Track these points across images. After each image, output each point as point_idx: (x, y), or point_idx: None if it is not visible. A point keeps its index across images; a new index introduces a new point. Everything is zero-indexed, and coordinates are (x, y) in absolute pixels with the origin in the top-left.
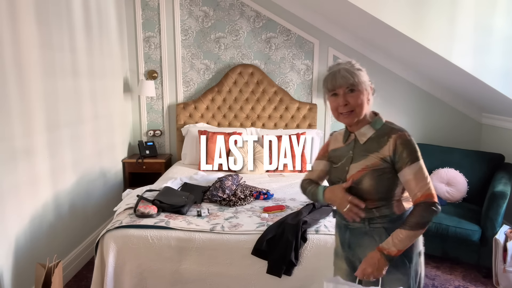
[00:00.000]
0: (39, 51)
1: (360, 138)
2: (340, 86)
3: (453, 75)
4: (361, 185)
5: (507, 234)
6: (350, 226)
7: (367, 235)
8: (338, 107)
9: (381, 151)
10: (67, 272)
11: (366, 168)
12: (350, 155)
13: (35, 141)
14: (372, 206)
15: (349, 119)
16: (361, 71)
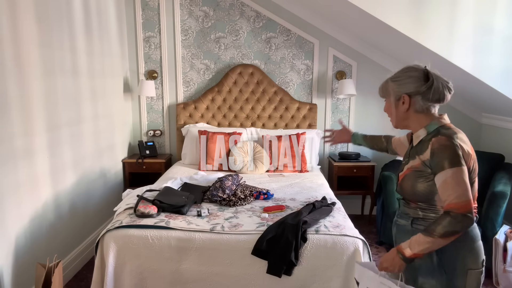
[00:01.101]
0: (39, 50)
1: (415, 140)
2: (382, 97)
3: (453, 75)
4: (403, 185)
5: (507, 234)
6: (398, 223)
7: (409, 234)
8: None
9: (424, 154)
10: (67, 272)
11: (411, 168)
12: (407, 155)
13: (35, 141)
14: (415, 206)
15: (392, 124)
16: (394, 82)
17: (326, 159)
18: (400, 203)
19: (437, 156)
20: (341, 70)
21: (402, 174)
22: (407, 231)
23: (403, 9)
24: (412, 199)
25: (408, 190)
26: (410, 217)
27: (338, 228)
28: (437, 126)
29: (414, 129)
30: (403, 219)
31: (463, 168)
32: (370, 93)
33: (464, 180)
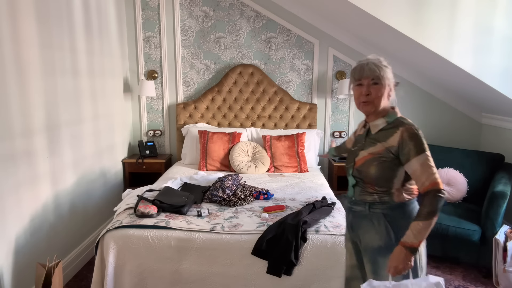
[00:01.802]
0: (39, 50)
1: (373, 128)
2: (366, 77)
3: (453, 75)
4: (365, 170)
5: (507, 234)
6: (353, 209)
7: (367, 218)
8: (360, 96)
9: (388, 141)
10: (67, 272)
11: (372, 154)
12: (362, 142)
13: (35, 141)
14: (373, 190)
15: (367, 108)
16: (388, 68)
17: (326, 159)
18: (356, 190)
19: (409, 144)
20: (341, 70)
21: (360, 159)
22: (364, 216)
23: (404, 10)
24: (372, 182)
25: (370, 174)
26: (366, 202)
27: (338, 228)
28: (396, 116)
29: (375, 118)
30: (359, 206)
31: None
32: None
33: (433, 162)
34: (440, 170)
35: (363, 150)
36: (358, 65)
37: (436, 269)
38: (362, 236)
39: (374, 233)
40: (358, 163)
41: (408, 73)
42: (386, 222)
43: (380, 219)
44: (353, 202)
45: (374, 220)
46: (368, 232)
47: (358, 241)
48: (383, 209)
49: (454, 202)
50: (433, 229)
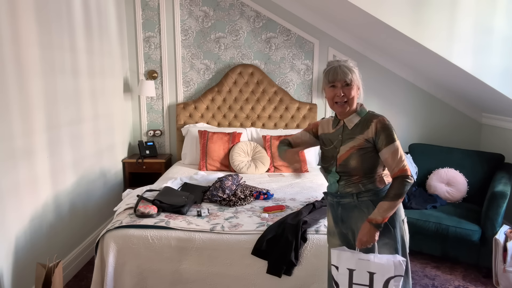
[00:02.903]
0: (39, 50)
1: (348, 124)
2: (339, 80)
3: (453, 75)
4: (349, 163)
5: (507, 234)
6: (342, 202)
7: (357, 208)
8: (335, 96)
9: (365, 133)
10: (67, 272)
11: (353, 147)
12: (340, 138)
13: (35, 141)
14: (358, 181)
15: (342, 108)
16: (356, 69)
17: None
18: (340, 184)
19: (382, 133)
20: None
21: (343, 155)
22: (354, 206)
23: (404, 10)
24: (358, 173)
25: (356, 166)
26: (353, 193)
27: None
28: (366, 111)
29: (348, 114)
30: (347, 198)
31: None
32: (370, 93)
33: (402, 151)
34: (440, 170)
35: (343, 146)
36: (330, 68)
37: (436, 269)
38: (354, 226)
39: (362, 221)
40: (342, 158)
41: (408, 73)
42: (374, 208)
43: (369, 205)
44: (340, 195)
45: (363, 208)
46: (360, 219)
47: (349, 232)
48: (370, 196)
49: (454, 202)
50: (433, 229)
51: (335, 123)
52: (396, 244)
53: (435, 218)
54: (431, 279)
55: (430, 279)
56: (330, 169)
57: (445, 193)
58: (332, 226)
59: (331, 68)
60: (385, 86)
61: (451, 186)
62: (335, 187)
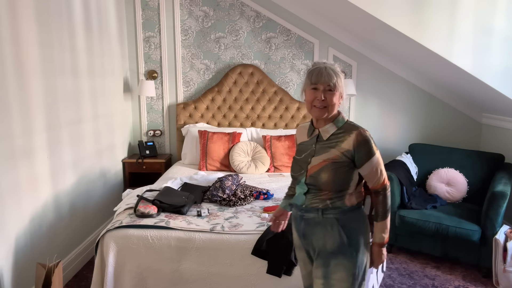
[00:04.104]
0: (39, 50)
1: (324, 134)
2: (323, 82)
3: (453, 75)
4: (320, 176)
5: (507, 234)
6: (305, 217)
7: (320, 224)
8: (315, 100)
9: (342, 146)
10: (67, 272)
11: (327, 160)
12: (313, 148)
13: (35, 141)
14: (327, 197)
15: (320, 113)
16: (342, 75)
17: None
18: (307, 197)
19: (364, 147)
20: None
21: (315, 166)
22: (317, 223)
23: (404, 10)
24: (328, 188)
25: (327, 180)
26: (319, 209)
27: None
28: (344, 121)
29: (324, 123)
30: (312, 212)
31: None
32: (370, 93)
33: (381, 160)
34: (440, 170)
35: (316, 157)
36: (315, 68)
37: (436, 269)
38: (316, 243)
39: (328, 238)
40: (313, 170)
41: (408, 73)
42: (339, 227)
43: (334, 224)
44: (305, 209)
45: (327, 226)
46: (322, 238)
47: (310, 249)
48: (336, 214)
49: (454, 202)
50: (433, 229)
51: (310, 131)
52: (355, 269)
53: (435, 218)
54: (431, 279)
55: (430, 279)
56: (299, 179)
57: (445, 193)
58: (297, 240)
59: (315, 68)
60: (385, 86)
61: (451, 186)
62: (302, 199)
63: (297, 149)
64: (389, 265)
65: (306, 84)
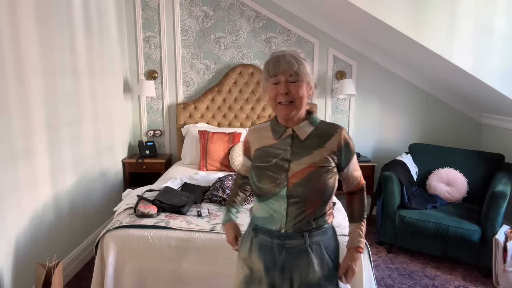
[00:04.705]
0: (39, 50)
1: (300, 134)
2: (283, 72)
3: (453, 75)
4: (307, 185)
5: (507, 234)
6: (287, 245)
7: (305, 252)
8: (278, 95)
9: (326, 147)
10: (67, 272)
11: (312, 165)
12: (288, 151)
13: (35, 141)
14: (311, 214)
15: (287, 111)
16: (306, 62)
17: None
18: (287, 218)
19: (348, 146)
20: (341, 70)
21: (298, 174)
22: (302, 251)
23: (403, 9)
24: (315, 203)
25: (317, 190)
26: (304, 232)
27: (338, 228)
28: (318, 119)
29: (297, 121)
30: (295, 239)
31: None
32: (370, 93)
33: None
34: (440, 170)
35: (296, 161)
36: (272, 57)
37: (436, 269)
38: (296, 275)
39: (315, 268)
40: (296, 178)
41: (408, 73)
42: (323, 250)
43: (318, 249)
44: (285, 236)
45: (313, 252)
46: (306, 268)
47: (285, 282)
48: (319, 235)
49: (454, 202)
50: (433, 229)
51: (280, 131)
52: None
53: (435, 218)
54: (431, 279)
55: (430, 279)
56: (274, 191)
57: (445, 193)
58: (260, 272)
59: (272, 57)
60: (385, 86)
61: (451, 186)
62: (279, 221)
63: (258, 155)
64: (389, 265)
65: (265, 78)
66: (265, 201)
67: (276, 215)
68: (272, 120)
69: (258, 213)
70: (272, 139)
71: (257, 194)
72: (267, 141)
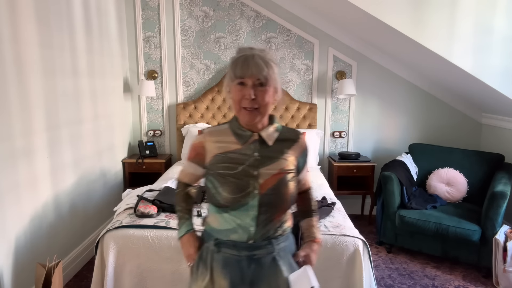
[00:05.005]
0: (39, 50)
1: (268, 139)
2: (251, 76)
3: (453, 75)
4: (279, 192)
5: (507, 234)
6: (257, 256)
7: (274, 261)
8: (243, 99)
9: (291, 152)
10: (67, 272)
11: (281, 171)
12: (256, 157)
13: (35, 141)
14: (278, 220)
15: (251, 117)
16: (275, 64)
17: (326, 159)
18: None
19: (308, 152)
20: (341, 70)
21: (269, 180)
22: (272, 260)
23: (403, 9)
24: (283, 209)
25: (287, 195)
26: (271, 239)
27: (338, 228)
28: (279, 123)
29: (262, 126)
30: (263, 248)
31: None
32: (370, 93)
33: None
34: (440, 170)
35: (265, 167)
36: (240, 56)
37: (436, 269)
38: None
39: (283, 274)
40: (268, 185)
41: (408, 73)
42: (289, 255)
43: (285, 255)
44: (253, 246)
45: (281, 261)
46: (274, 278)
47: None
48: (284, 241)
49: (454, 202)
50: (433, 229)
51: (245, 136)
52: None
53: (435, 218)
54: (431, 279)
55: (430, 279)
56: (244, 201)
57: (445, 193)
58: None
59: (240, 57)
60: (385, 86)
61: (451, 186)
62: (248, 231)
63: (219, 161)
64: (389, 265)
65: (230, 77)
66: (229, 211)
67: (243, 225)
68: (233, 123)
69: (219, 225)
70: (236, 144)
71: (221, 205)
72: (229, 146)
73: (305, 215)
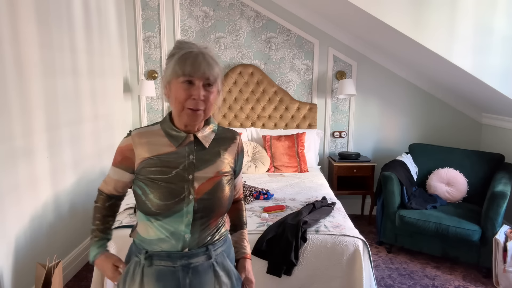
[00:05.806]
0: (39, 50)
1: (204, 141)
2: (201, 75)
3: (453, 75)
4: (215, 196)
5: (507, 234)
6: (193, 264)
7: (211, 268)
8: (189, 99)
9: (228, 154)
10: (67, 272)
11: (218, 174)
12: (191, 160)
13: (35, 141)
14: (214, 225)
15: (194, 118)
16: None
17: (326, 159)
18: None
19: (243, 153)
20: (341, 70)
21: (205, 185)
22: (208, 267)
23: (403, 9)
24: (219, 214)
25: (224, 199)
26: (208, 245)
27: (338, 228)
28: (215, 123)
29: (197, 127)
30: (200, 255)
31: None
32: (370, 93)
33: None
34: (440, 170)
35: (200, 171)
36: (188, 53)
37: (436, 269)
38: None
39: (222, 281)
40: (203, 190)
41: (408, 73)
42: (226, 260)
43: (223, 260)
44: (189, 254)
45: (218, 266)
46: (211, 285)
47: None
48: (221, 246)
49: (454, 202)
50: (433, 229)
51: (180, 137)
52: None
53: (435, 218)
54: (431, 279)
55: (430, 279)
56: (178, 208)
57: (445, 193)
58: None
59: (188, 53)
60: (385, 86)
61: (451, 186)
62: (183, 239)
63: (151, 165)
64: (389, 265)
65: (173, 74)
66: (162, 219)
67: (177, 233)
68: (165, 123)
69: (149, 235)
70: (169, 146)
71: (152, 213)
72: (162, 148)
73: (234, 228)
